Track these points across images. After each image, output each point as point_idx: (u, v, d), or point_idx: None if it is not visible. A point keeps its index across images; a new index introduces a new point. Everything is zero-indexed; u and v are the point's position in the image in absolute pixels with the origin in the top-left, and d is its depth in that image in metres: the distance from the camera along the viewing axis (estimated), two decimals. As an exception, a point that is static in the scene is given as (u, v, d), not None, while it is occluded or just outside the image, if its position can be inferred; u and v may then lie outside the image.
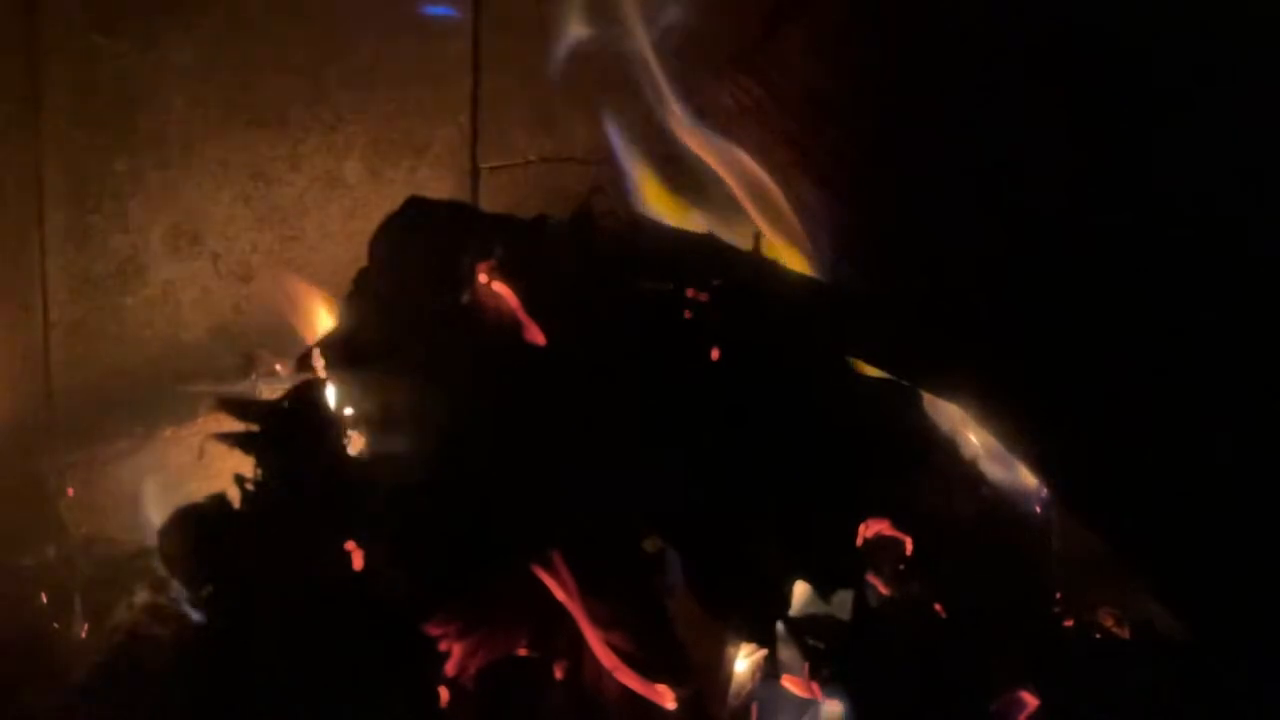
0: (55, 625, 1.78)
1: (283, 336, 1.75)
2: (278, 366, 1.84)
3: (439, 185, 2.02)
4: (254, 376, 1.85)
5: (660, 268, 1.49)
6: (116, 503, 1.89)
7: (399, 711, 1.26)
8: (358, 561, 1.29)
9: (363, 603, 1.27)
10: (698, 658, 1.34)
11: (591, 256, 1.45)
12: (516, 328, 1.36)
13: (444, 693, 1.27)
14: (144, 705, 1.29)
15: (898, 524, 1.41)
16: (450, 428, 1.30)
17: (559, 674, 1.30)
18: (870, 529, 1.40)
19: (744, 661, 1.41)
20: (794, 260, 1.64)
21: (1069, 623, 1.47)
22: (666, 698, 1.28)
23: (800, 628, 1.34)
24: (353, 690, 1.25)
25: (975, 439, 1.51)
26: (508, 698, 1.29)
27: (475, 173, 2.04)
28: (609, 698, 1.27)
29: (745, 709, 1.41)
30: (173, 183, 1.92)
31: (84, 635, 1.74)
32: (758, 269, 1.57)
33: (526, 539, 1.27)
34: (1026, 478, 1.50)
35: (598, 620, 1.27)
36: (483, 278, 1.38)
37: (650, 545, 1.32)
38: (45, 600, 1.79)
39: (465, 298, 1.36)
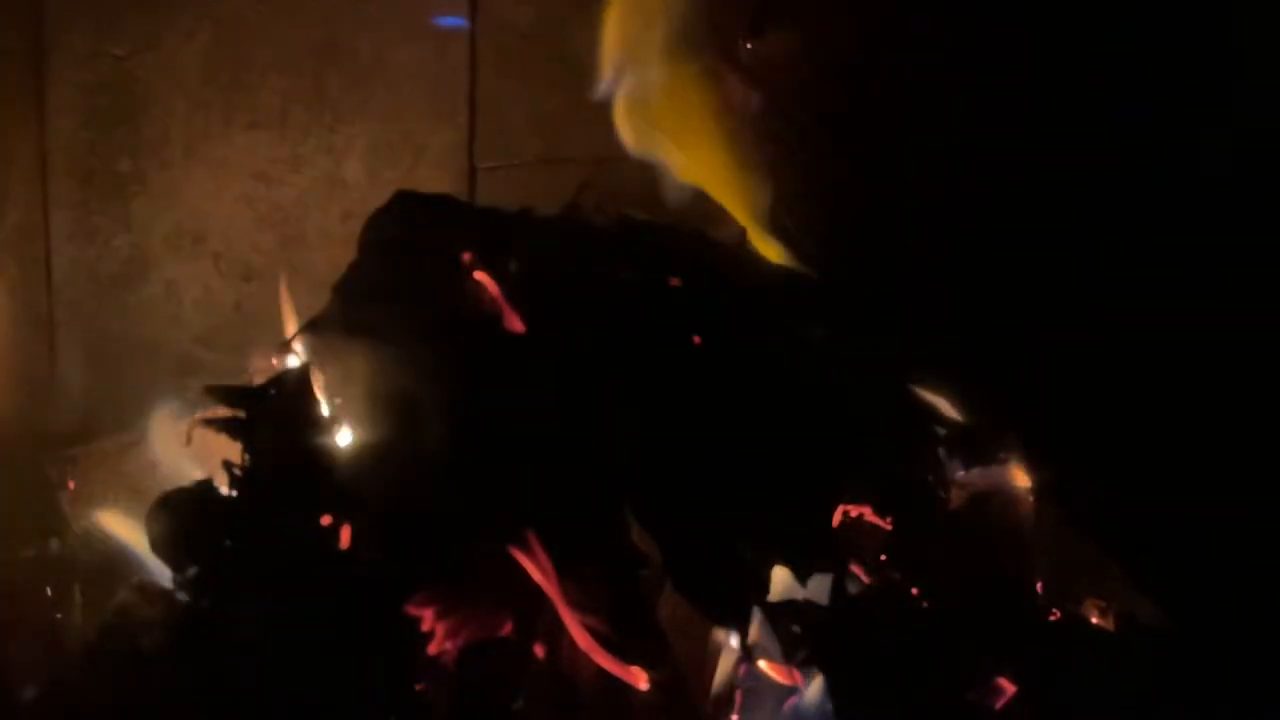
0: (58, 615, 1.80)
1: (282, 335, 1.77)
2: (274, 362, 1.86)
3: (437, 186, 2.02)
4: (251, 373, 1.87)
5: (646, 260, 1.50)
6: (117, 496, 1.92)
7: (380, 689, 1.28)
8: (340, 542, 1.31)
9: (344, 583, 1.29)
10: (678, 643, 1.35)
11: (576, 247, 1.47)
12: (497, 315, 1.38)
13: (424, 672, 1.29)
14: (133, 683, 1.31)
15: (879, 510, 1.42)
16: (430, 412, 1.32)
17: (539, 654, 1.31)
18: (850, 514, 1.41)
19: (726, 647, 1.42)
20: (780, 255, 1.65)
21: (1055, 613, 1.47)
22: (640, 679, 1.29)
23: (779, 613, 1.35)
24: (334, 669, 1.27)
25: (958, 427, 1.51)
26: (487, 677, 1.30)
27: (473, 173, 2.06)
28: (584, 679, 1.28)
29: (728, 695, 1.42)
30: (175, 183, 1.96)
31: (84, 624, 1.76)
32: (744, 262, 1.58)
33: (503, 521, 1.29)
34: (1009, 466, 1.50)
35: (573, 602, 1.28)
36: (466, 266, 1.41)
37: (631, 533, 1.33)
38: (49, 592, 1.82)
39: (448, 286, 1.38)
